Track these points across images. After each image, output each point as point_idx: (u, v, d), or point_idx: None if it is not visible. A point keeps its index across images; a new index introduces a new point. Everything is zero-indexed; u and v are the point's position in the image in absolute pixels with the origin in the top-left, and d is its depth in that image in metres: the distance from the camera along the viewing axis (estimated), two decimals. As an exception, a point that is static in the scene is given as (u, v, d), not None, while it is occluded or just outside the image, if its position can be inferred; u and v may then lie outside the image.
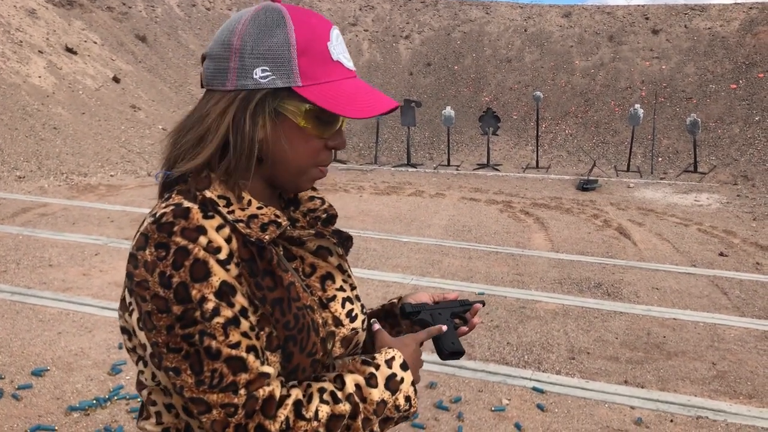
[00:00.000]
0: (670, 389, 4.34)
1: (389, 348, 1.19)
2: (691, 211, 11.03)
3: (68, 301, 5.38)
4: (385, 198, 11.31)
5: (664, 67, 19.01)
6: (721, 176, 14.69)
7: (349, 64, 1.12)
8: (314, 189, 1.30)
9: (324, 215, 1.25)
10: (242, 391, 1.00)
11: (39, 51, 14.50)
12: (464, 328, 1.36)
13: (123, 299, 1.10)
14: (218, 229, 1.02)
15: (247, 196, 1.10)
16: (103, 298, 5.51)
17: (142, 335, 1.05)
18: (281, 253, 1.12)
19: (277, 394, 1.03)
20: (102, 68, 15.79)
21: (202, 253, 0.99)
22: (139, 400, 3.81)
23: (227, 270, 1.01)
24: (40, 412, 3.69)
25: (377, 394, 1.11)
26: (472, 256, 7.57)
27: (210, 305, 0.99)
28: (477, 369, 4.52)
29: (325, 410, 1.05)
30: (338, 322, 1.16)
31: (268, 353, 1.06)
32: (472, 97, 19.66)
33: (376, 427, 1.12)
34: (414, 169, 15.67)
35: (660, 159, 16.30)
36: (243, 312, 1.02)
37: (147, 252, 0.99)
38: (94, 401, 3.80)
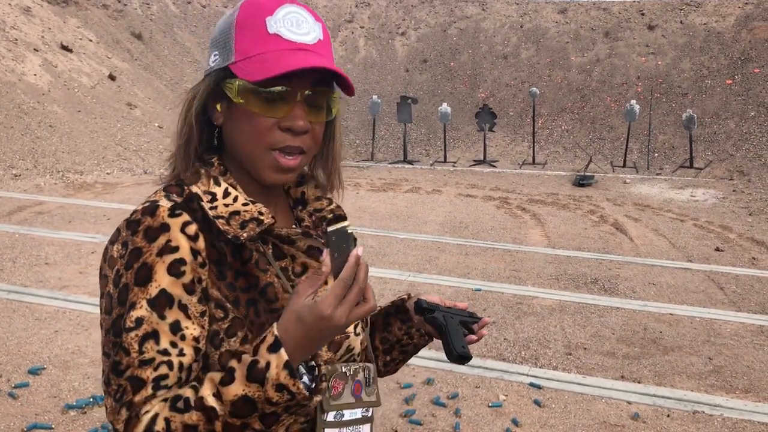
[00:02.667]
0: (666, 384, 4.35)
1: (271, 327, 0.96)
2: (687, 207, 11.05)
3: (65, 299, 5.38)
4: (381, 195, 11.31)
5: (659, 62, 19.02)
6: (716, 171, 14.71)
7: (293, 36, 1.03)
8: (322, 193, 1.23)
9: (330, 215, 1.20)
10: (125, 412, 0.94)
11: (34, 49, 14.45)
12: (472, 337, 1.34)
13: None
14: (183, 226, 0.99)
15: (234, 192, 1.07)
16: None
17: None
18: (269, 251, 1.08)
19: (149, 417, 0.93)
20: (98, 66, 15.75)
21: (151, 258, 0.97)
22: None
23: (179, 275, 0.97)
24: (37, 411, 3.69)
25: (234, 390, 0.91)
26: (469, 252, 7.57)
27: (137, 313, 0.95)
28: (474, 365, 4.53)
29: (178, 421, 0.92)
30: None
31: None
32: (468, 94, 19.65)
33: (256, 426, 0.93)
34: (410, 166, 15.67)
35: (656, 154, 16.31)
36: (174, 326, 0.96)
37: (114, 247, 1.00)
38: (91, 399, 3.80)
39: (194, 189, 1.05)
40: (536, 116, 17.25)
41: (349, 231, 0.97)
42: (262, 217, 1.06)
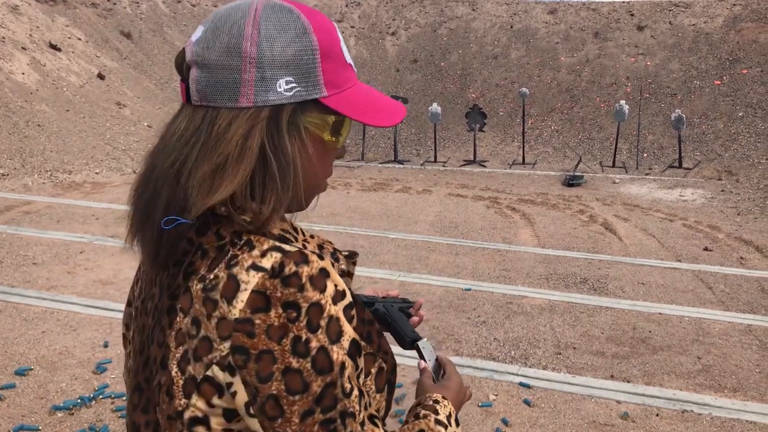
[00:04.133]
0: (655, 383, 4.37)
1: (443, 398, 1.12)
2: (676, 207, 11.10)
3: (52, 300, 5.34)
4: (372, 194, 11.30)
5: (649, 63, 19.11)
6: (705, 172, 14.78)
7: (350, 60, 0.99)
8: None
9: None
10: None
11: (22, 47, 14.35)
12: (414, 319, 1.34)
13: (191, 378, 0.85)
14: (333, 266, 0.89)
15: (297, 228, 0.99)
16: (87, 296, 5.48)
17: (254, 423, 0.83)
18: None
19: None
20: (86, 65, 15.66)
21: (333, 309, 0.84)
22: (125, 398, 3.79)
23: (351, 320, 0.87)
24: (24, 412, 3.66)
25: None
26: (459, 252, 7.58)
27: (348, 372, 0.85)
28: (464, 365, 4.53)
29: None
30: None
31: (378, 395, 0.97)
32: (458, 94, 19.67)
33: None
34: (401, 166, 15.67)
35: (645, 155, 16.38)
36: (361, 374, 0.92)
37: (272, 314, 0.81)
38: (79, 400, 3.78)
39: (275, 231, 0.93)
40: (526, 116, 17.29)
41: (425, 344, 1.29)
42: (327, 246, 1.02)
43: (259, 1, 0.92)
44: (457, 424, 1.09)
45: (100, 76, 15.53)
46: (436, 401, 1.10)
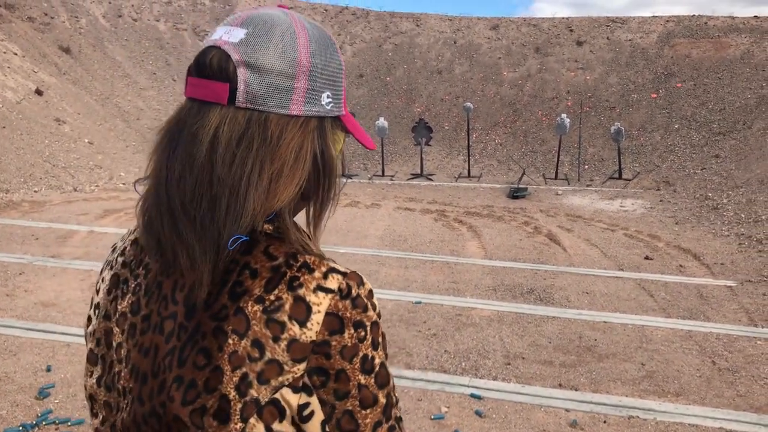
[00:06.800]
0: (602, 391, 4.47)
1: None
2: (617, 217, 11.40)
3: (-9, 324, 5.16)
4: (319, 209, 11.27)
5: (588, 77, 19.64)
6: (644, 182, 15.24)
7: None
8: None
9: None
10: None
11: (-46, 63, 13.89)
12: None
13: (253, 401, 0.83)
14: None
15: None
16: (28, 319, 5.30)
17: None
18: None
19: None
20: (23, 80, 15.24)
21: (381, 323, 0.90)
22: (69, 423, 3.68)
23: None
24: (-37, 441, 3.52)
25: None
26: (409, 265, 7.62)
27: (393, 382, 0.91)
28: (416, 378, 4.55)
29: None
30: None
31: None
32: (404, 108, 19.84)
33: None
34: (349, 180, 15.68)
35: (586, 166, 16.80)
36: None
37: (346, 335, 0.84)
38: (21, 428, 3.65)
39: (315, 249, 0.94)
40: (471, 130, 17.54)
41: None
42: None
43: (288, 12, 0.93)
44: None
45: (38, 92, 15.13)
46: None
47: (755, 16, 20.18)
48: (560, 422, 4.01)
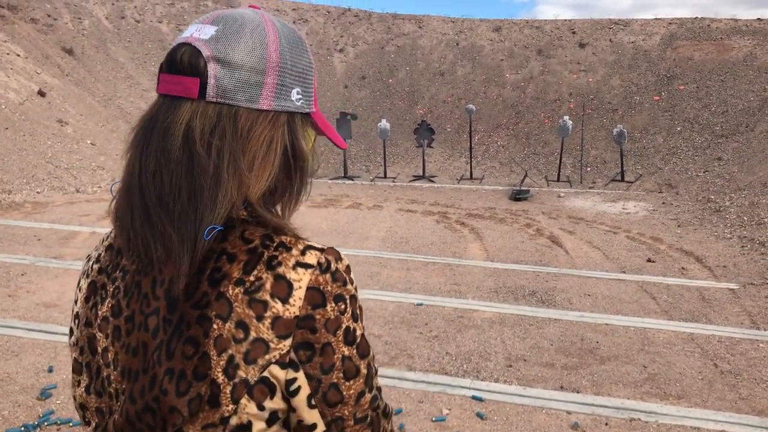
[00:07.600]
0: (604, 393, 4.46)
1: None
2: (619, 219, 11.39)
3: (-7, 324, 5.16)
4: (322, 211, 11.28)
5: (590, 79, 19.63)
6: (646, 185, 15.23)
7: None
8: None
9: None
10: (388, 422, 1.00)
11: (-42, 64, 13.92)
12: None
13: (243, 382, 0.84)
14: None
15: None
16: (31, 319, 5.31)
17: (313, 414, 0.87)
18: None
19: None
20: (26, 82, 15.26)
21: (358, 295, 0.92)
22: (71, 424, 3.68)
23: None
24: (-36, 442, 3.52)
25: None
26: (410, 267, 7.62)
27: (372, 350, 0.93)
28: (417, 380, 4.55)
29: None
30: None
31: None
32: (406, 110, 19.85)
33: None
34: (351, 182, 15.69)
35: (588, 169, 16.79)
36: None
37: (328, 308, 0.86)
38: (23, 428, 3.66)
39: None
40: (473, 132, 17.54)
41: None
42: None
43: (259, 11, 0.95)
44: None
45: (41, 93, 15.15)
46: None
47: (758, 19, 20.15)
48: (562, 424, 4.00)
